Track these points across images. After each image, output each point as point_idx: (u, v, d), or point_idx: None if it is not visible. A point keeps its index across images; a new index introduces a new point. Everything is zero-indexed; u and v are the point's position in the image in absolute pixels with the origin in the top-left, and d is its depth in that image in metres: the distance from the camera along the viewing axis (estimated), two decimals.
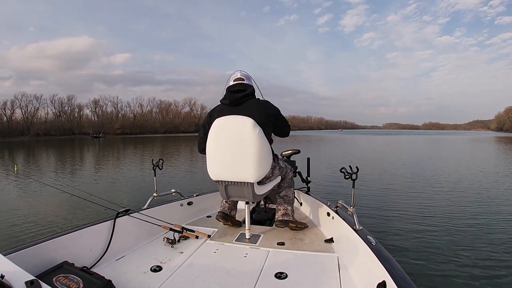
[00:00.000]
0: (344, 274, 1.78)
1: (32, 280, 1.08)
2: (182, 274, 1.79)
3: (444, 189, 6.86)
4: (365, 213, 4.81)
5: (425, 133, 79.77)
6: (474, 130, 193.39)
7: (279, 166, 2.34)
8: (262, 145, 2.02)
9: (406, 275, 1.42)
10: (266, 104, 2.15)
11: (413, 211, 5.05)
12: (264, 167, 2.08)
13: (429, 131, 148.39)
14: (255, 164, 2.02)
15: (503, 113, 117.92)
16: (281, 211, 2.41)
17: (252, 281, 1.70)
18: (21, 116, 73.26)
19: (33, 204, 6.09)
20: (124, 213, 2.22)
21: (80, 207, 5.06)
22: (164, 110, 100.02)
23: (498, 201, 5.68)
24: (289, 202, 2.44)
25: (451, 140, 35.43)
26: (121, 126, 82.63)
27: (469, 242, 3.65)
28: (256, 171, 2.04)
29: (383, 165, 11.65)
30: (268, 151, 2.10)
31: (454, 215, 4.79)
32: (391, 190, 6.93)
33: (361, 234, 1.90)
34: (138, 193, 6.79)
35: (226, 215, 2.50)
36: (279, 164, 2.34)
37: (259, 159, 2.02)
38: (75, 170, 11.94)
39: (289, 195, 2.46)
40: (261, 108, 2.11)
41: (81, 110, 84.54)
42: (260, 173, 2.06)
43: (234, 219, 2.54)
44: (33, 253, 1.60)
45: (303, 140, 32.64)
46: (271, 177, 2.27)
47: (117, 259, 1.98)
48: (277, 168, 2.30)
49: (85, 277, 1.53)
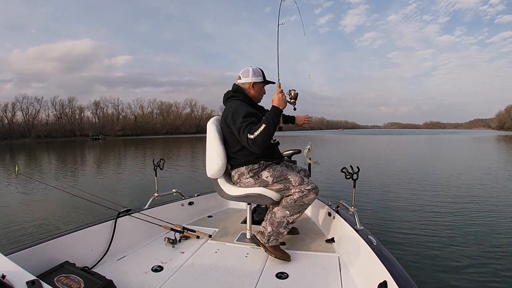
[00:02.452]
0: (345, 274, 1.78)
1: (33, 280, 1.08)
2: (183, 274, 1.79)
3: (445, 189, 6.83)
4: (366, 213, 4.79)
5: (426, 133, 79.57)
6: (475, 129, 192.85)
7: (260, 179, 2.05)
8: (211, 143, 2.11)
9: (407, 275, 1.42)
10: (228, 106, 2.08)
11: (415, 211, 5.03)
12: (215, 164, 2.11)
13: (429, 131, 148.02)
14: (207, 160, 2.16)
15: (504, 112, 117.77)
16: (260, 228, 2.07)
17: (253, 281, 1.70)
18: (22, 118, 73.65)
19: (34, 204, 6.08)
20: (125, 213, 2.23)
21: (81, 207, 5.07)
22: (165, 111, 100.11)
23: (502, 201, 5.64)
24: (272, 223, 1.99)
25: (452, 140, 35.32)
26: (122, 128, 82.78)
27: (471, 242, 3.63)
28: (208, 166, 2.16)
29: (384, 165, 11.63)
30: (220, 150, 2.09)
31: (456, 215, 4.77)
32: (392, 190, 6.91)
33: (362, 234, 1.90)
34: (139, 193, 6.78)
35: None
36: (259, 175, 2.06)
37: (210, 156, 2.14)
38: (76, 171, 11.95)
39: (278, 216, 1.99)
40: (224, 109, 2.11)
41: (82, 112, 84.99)
42: (210, 169, 2.14)
43: None
44: (34, 253, 1.60)
45: (305, 141, 32.66)
46: (242, 182, 2.09)
47: (118, 259, 1.98)
48: (251, 177, 2.06)
49: (86, 277, 1.53)
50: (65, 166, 14.25)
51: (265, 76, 2.17)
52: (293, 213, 1.98)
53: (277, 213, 2.00)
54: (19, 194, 7.28)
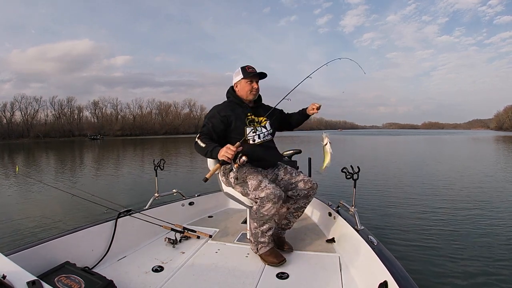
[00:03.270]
0: (346, 274, 1.78)
1: (34, 280, 1.08)
2: (183, 274, 1.79)
3: (446, 190, 6.82)
4: (366, 213, 4.77)
5: (425, 133, 79.61)
6: (474, 129, 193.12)
7: (227, 179, 2.08)
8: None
9: (408, 275, 1.42)
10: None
11: (415, 211, 5.02)
12: (211, 161, 2.17)
13: (428, 131, 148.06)
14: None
15: (502, 112, 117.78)
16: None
17: (254, 281, 1.69)
18: (21, 118, 73.31)
19: (34, 204, 6.06)
20: (125, 213, 2.22)
21: (82, 208, 5.04)
22: (164, 112, 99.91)
23: (502, 202, 5.64)
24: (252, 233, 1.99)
25: (452, 140, 35.36)
26: (121, 128, 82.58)
27: (472, 243, 3.62)
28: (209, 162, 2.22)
29: (384, 165, 11.62)
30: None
31: (457, 215, 4.76)
32: (392, 190, 6.90)
33: (362, 234, 1.90)
34: (140, 194, 6.75)
35: None
36: (228, 175, 2.07)
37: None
38: (76, 172, 11.91)
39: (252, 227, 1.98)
40: None
41: (80, 112, 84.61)
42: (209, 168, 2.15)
43: None
44: (34, 253, 1.60)
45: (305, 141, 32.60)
46: (228, 182, 2.11)
47: (119, 259, 1.98)
48: (222, 175, 2.11)
49: (87, 277, 1.53)
50: (65, 166, 14.21)
51: (245, 72, 2.09)
52: (259, 224, 1.92)
53: (251, 223, 2.00)
54: (19, 194, 7.25)
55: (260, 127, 2.12)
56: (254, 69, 2.11)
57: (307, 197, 2.08)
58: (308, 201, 2.12)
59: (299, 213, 2.15)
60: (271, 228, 1.95)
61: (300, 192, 2.06)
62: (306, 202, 2.11)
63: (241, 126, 2.06)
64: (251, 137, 2.06)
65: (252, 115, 2.13)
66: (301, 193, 2.06)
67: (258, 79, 2.15)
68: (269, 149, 2.15)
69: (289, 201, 2.11)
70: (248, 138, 2.04)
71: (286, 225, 2.18)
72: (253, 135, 2.07)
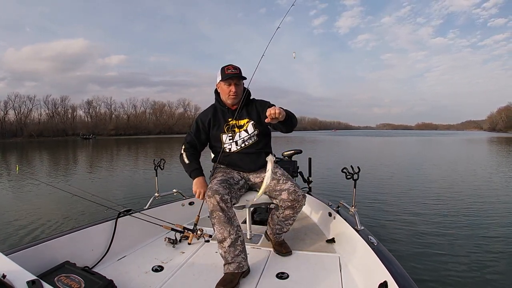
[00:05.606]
0: (346, 274, 1.78)
1: (34, 279, 1.07)
2: (183, 274, 1.79)
3: (446, 190, 6.84)
4: (366, 213, 4.76)
5: (419, 134, 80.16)
6: (467, 130, 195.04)
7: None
8: None
9: (408, 276, 1.43)
10: None
11: (415, 211, 5.03)
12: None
13: (422, 132, 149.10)
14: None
15: (495, 113, 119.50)
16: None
17: (254, 281, 1.69)
18: (14, 117, 72.33)
19: (34, 204, 5.97)
20: (125, 213, 2.21)
21: (82, 207, 5.01)
22: (158, 111, 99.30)
23: (502, 202, 5.70)
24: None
25: (448, 141, 35.66)
26: (115, 127, 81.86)
27: (472, 243, 3.64)
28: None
29: (384, 166, 11.64)
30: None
31: (457, 215, 4.78)
32: (392, 190, 6.90)
33: (362, 234, 1.90)
34: (140, 193, 6.70)
35: None
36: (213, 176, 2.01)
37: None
38: (73, 171, 11.78)
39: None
40: None
41: (74, 111, 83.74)
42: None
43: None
44: (34, 253, 1.59)
45: (300, 141, 32.71)
46: None
47: (119, 259, 1.97)
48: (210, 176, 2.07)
49: (87, 277, 1.52)
50: (63, 165, 14.06)
51: (223, 73, 1.93)
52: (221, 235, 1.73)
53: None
54: (19, 194, 7.15)
55: (241, 131, 1.99)
56: (236, 70, 1.92)
57: (292, 209, 1.89)
58: (295, 212, 1.92)
59: (290, 221, 2.00)
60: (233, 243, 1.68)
61: (283, 203, 1.89)
62: (292, 213, 1.93)
63: (217, 134, 2.01)
64: (227, 145, 1.99)
65: (233, 119, 1.99)
66: (284, 205, 1.89)
67: (237, 80, 1.94)
68: (248, 155, 2.00)
69: (278, 210, 1.97)
70: (224, 146, 2.00)
71: (280, 230, 2.05)
72: (230, 142, 1.99)
